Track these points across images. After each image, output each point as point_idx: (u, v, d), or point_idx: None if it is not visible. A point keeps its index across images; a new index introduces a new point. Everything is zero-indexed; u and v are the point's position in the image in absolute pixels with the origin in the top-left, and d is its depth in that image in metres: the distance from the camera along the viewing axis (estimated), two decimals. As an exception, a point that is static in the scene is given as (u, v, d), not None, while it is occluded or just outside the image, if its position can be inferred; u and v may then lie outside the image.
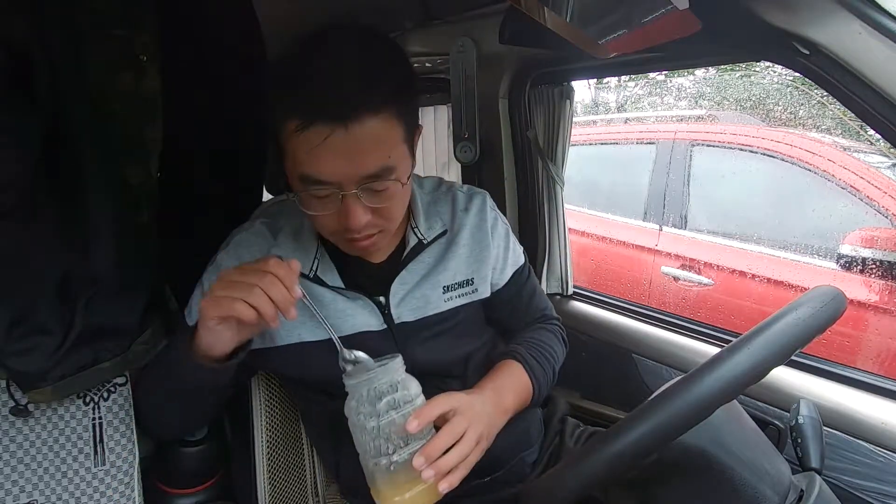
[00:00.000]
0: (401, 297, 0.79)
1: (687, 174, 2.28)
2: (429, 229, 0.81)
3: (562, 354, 0.90)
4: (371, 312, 0.78)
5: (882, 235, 1.74)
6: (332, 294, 0.77)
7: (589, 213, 2.60)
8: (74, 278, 0.76)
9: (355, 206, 0.65)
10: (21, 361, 0.73)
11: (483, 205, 0.85)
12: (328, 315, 0.74)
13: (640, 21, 0.69)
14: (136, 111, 0.78)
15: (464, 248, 0.83)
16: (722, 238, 2.15)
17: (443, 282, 0.81)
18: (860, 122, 1.31)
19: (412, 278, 0.80)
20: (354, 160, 0.62)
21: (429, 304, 0.80)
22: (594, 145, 2.91)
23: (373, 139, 0.62)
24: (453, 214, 0.84)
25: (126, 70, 0.75)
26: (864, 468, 0.85)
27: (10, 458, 0.76)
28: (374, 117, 0.61)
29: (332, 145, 0.60)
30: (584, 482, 0.52)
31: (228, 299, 0.61)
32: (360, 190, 0.64)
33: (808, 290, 0.58)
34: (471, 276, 0.83)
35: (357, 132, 0.60)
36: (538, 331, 0.90)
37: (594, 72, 1.40)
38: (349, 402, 0.64)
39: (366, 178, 0.63)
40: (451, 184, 0.89)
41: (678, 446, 0.56)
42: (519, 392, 0.79)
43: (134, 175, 0.80)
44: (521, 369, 0.81)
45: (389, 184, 0.65)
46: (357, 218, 0.65)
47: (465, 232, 0.83)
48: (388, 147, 0.64)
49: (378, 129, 0.62)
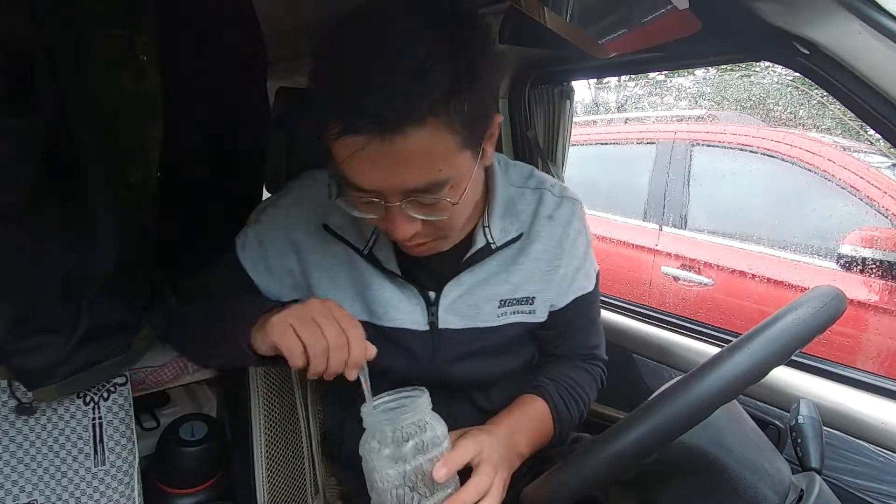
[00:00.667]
0: (452, 300, 0.72)
1: (687, 174, 2.28)
2: (502, 231, 0.71)
3: (593, 398, 0.82)
4: (417, 308, 0.72)
5: (882, 235, 1.74)
6: (382, 279, 0.71)
7: (589, 213, 2.59)
8: (78, 277, 0.76)
9: (401, 218, 0.58)
10: (27, 360, 0.73)
11: (571, 216, 0.75)
12: (372, 300, 0.71)
13: (640, 21, 0.69)
14: (136, 111, 0.78)
15: (534, 262, 0.73)
16: (722, 238, 2.15)
17: (501, 294, 0.73)
18: (860, 122, 1.31)
19: (470, 281, 0.72)
20: (396, 173, 0.54)
21: (479, 315, 0.73)
22: (594, 145, 2.91)
23: (418, 152, 0.53)
24: (534, 218, 0.74)
25: (126, 70, 0.75)
26: (864, 468, 0.85)
27: (10, 458, 0.76)
28: (419, 128, 0.51)
29: (370, 155, 0.52)
30: (584, 482, 0.52)
31: (294, 337, 0.57)
32: (405, 203, 0.57)
33: (808, 290, 0.58)
34: (533, 294, 0.74)
35: (398, 144, 0.51)
36: (577, 370, 0.81)
37: (594, 72, 1.40)
38: (368, 441, 0.57)
39: (411, 191, 0.56)
40: (544, 179, 0.78)
41: (678, 446, 0.56)
42: (538, 436, 0.73)
43: (134, 175, 0.80)
44: (547, 411, 0.74)
45: (440, 197, 0.57)
46: (402, 230, 0.59)
47: (541, 243, 0.73)
48: (438, 159, 0.55)
49: (425, 140, 0.52)
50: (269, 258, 0.73)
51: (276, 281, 0.74)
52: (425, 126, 0.52)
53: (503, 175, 0.74)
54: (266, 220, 0.75)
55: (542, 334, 0.81)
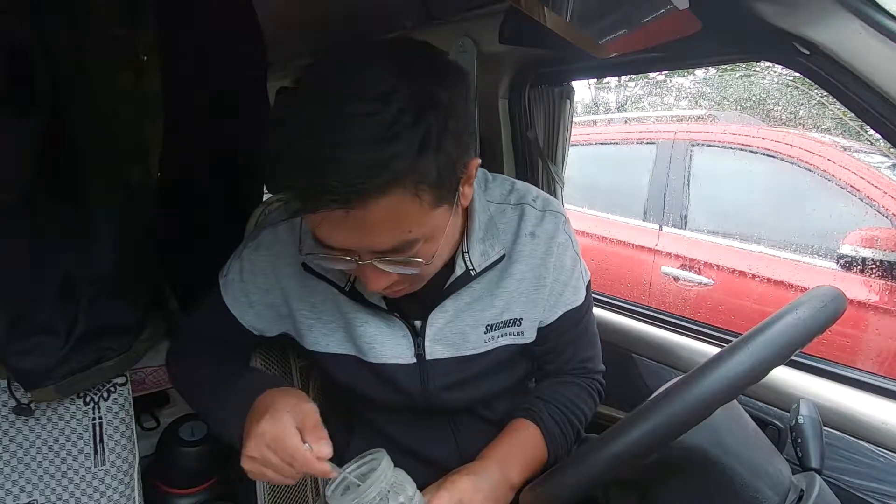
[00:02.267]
0: (439, 328, 0.71)
1: (687, 174, 2.28)
2: (482, 255, 0.69)
3: (591, 414, 0.79)
4: (403, 341, 0.71)
5: (882, 235, 1.74)
6: (365, 314, 0.70)
7: (589, 213, 2.60)
8: (77, 278, 0.76)
9: (374, 274, 0.58)
10: (24, 360, 0.73)
11: (555, 230, 0.72)
12: (356, 337, 0.71)
13: (640, 21, 0.69)
14: (136, 111, 0.78)
15: (518, 283, 0.71)
16: (722, 238, 2.15)
17: (487, 319, 0.71)
18: (860, 122, 1.31)
19: (455, 307, 0.70)
20: (363, 236, 0.53)
21: (466, 342, 0.72)
22: (594, 145, 2.91)
23: (384, 219, 0.51)
24: (516, 236, 0.71)
25: (126, 70, 0.75)
26: (864, 468, 0.85)
27: (10, 458, 0.76)
28: (382, 198, 0.49)
29: (337, 220, 0.51)
30: (584, 482, 0.52)
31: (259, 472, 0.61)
32: (376, 260, 0.55)
33: (808, 290, 0.58)
34: (520, 315, 0.73)
35: (361, 215, 0.50)
36: (570, 386, 0.79)
37: (594, 72, 1.40)
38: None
39: (379, 252, 0.55)
40: (525, 193, 0.74)
41: (678, 446, 0.56)
42: (530, 462, 0.71)
43: (134, 175, 0.80)
44: (539, 436, 0.72)
45: (411, 255, 0.56)
46: (377, 284, 0.58)
47: (524, 263, 0.71)
48: (407, 222, 0.53)
49: (390, 207, 0.50)
50: (251, 293, 0.73)
51: (259, 316, 0.75)
52: (390, 195, 0.49)
53: (482, 194, 0.71)
54: (248, 256, 0.73)
55: (533, 350, 0.79)
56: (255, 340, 0.79)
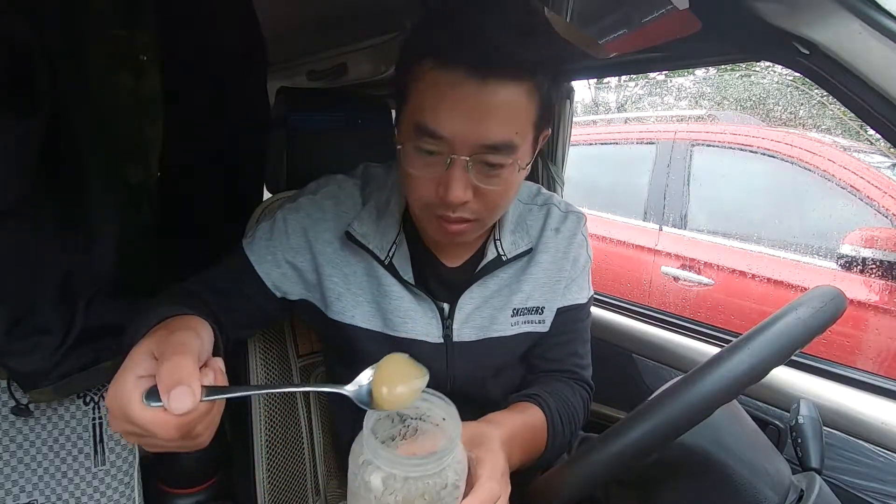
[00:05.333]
0: (468, 313, 0.73)
1: (687, 174, 2.29)
2: (512, 244, 0.74)
3: (581, 423, 0.79)
4: (432, 321, 0.72)
5: (882, 235, 1.74)
6: (400, 289, 0.71)
7: (589, 213, 2.59)
8: (75, 278, 0.76)
9: (460, 178, 0.57)
10: (22, 361, 0.73)
11: (575, 229, 0.78)
12: (389, 310, 0.70)
13: (640, 21, 0.69)
14: (136, 111, 0.78)
15: (542, 273, 0.76)
16: (722, 238, 2.15)
17: (514, 303, 0.74)
18: (860, 122, 1.31)
19: (483, 293, 0.74)
20: (478, 121, 0.55)
21: (493, 325, 0.74)
22: (594, 145, 2.91)
23: (506, 106, 0.55)
24: (542, 231, 0.77)
25: (126, 70, 0.75)
26: (864, 468, 0.85)
27: (10, 458, 0.76)
28: (516, 83, 0.54)
29: (460, 97, 0.54)
30: (585, 482, 0.52)
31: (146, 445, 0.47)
32: (472, 160, 0.57)
33: (808, 290, 0.58)
34: (542, 304, 0.76)
35: (492, 91, 0.53)
36: (568, 387, 0.79)
37: (594, 72, 1.40)
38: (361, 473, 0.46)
39: (484, 147, 0.56)
40: (550, 196, 0.81)
41: (678, 446, 0.56)
42: (532, 450, 0.68)
43: (134, 175, 0.80)
44: (544, 424, 0.71)
45: (506, 162, 0.58)
46: (457, 191, 0.58)
47: (549, 254, 0.76)
48: (519, 122, 0.57)
49: (515, 97, 0.55)
50: (277, 251, 0.71)
51: (284, 277, 0.72)
52: (521, 84, 0.54)
53: None
54: (281, 216, 0.72)
55: (540, 341, 0.79)
56: (271, 308, 0.72)
